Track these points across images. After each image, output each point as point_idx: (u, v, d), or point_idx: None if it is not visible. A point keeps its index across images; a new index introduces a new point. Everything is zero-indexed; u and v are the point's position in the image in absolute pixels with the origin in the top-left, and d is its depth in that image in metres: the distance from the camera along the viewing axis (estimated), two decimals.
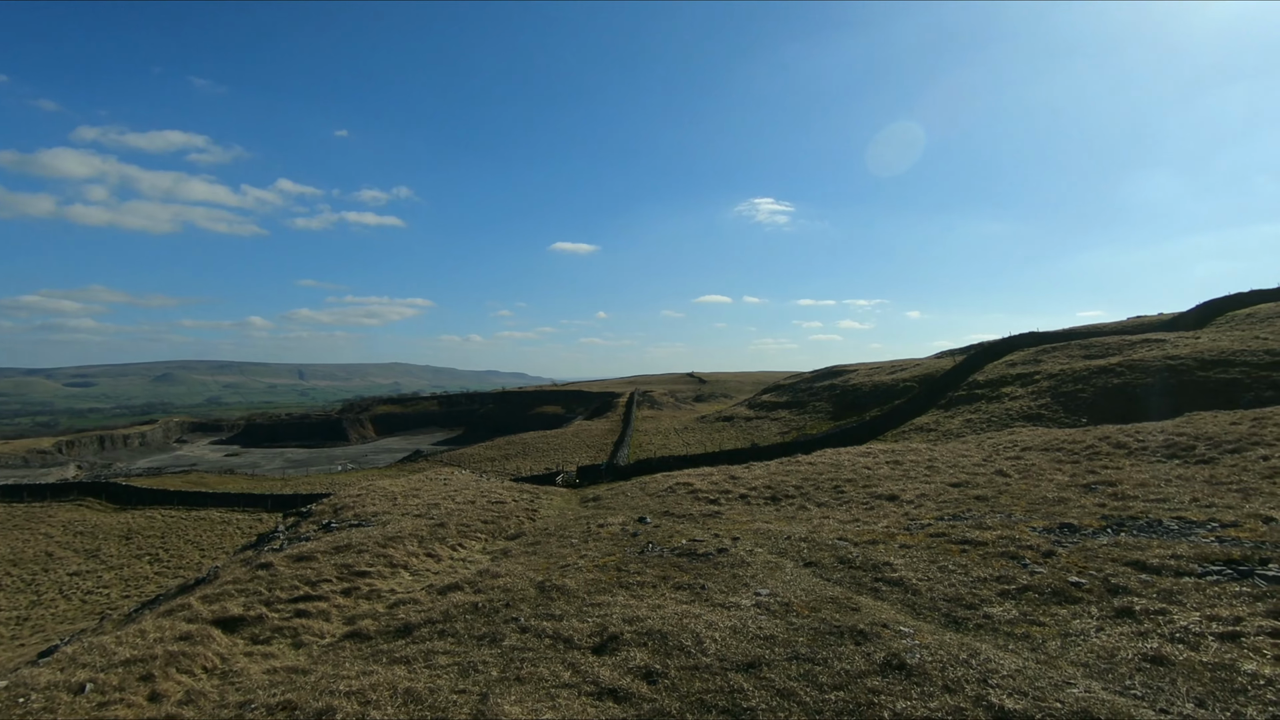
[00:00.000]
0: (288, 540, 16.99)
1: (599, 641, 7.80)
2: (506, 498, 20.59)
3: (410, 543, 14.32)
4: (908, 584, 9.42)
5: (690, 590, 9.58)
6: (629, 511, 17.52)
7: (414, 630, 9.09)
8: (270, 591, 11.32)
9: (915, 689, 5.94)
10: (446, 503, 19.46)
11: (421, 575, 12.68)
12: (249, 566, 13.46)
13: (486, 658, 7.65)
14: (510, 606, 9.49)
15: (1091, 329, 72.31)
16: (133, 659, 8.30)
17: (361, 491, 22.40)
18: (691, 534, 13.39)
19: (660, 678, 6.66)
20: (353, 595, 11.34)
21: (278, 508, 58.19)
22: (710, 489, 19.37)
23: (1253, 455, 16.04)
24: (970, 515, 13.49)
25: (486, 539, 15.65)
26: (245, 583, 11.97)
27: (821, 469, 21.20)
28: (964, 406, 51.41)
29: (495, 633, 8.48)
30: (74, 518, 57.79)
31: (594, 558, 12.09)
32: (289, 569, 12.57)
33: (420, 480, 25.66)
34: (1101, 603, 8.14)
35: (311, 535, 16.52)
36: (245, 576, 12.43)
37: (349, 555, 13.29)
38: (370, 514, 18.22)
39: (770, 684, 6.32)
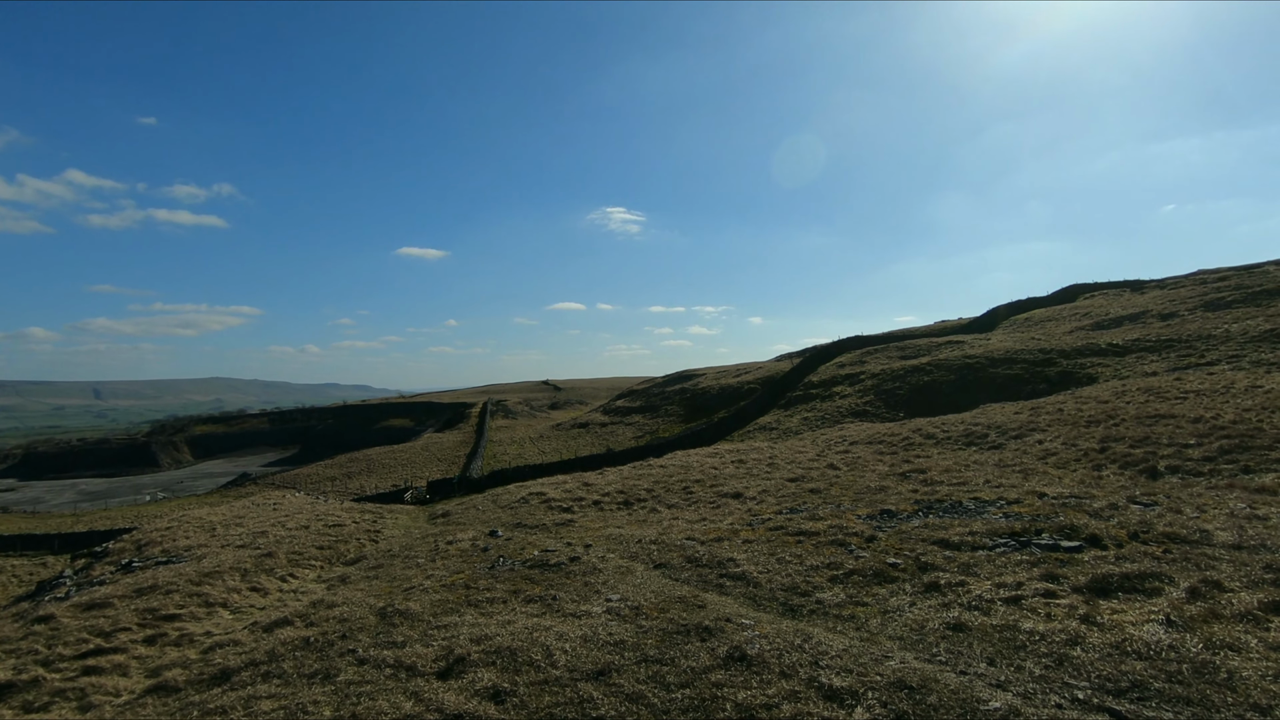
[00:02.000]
0: (76, 586, 14.72)
1: (444, 666, 7.46)
2: (346, 520, 19.20)
3: (231, 577, 12.92)
4: (750, 577, 9.91)
5: (542, 602, 9.44)
6: (480, 526, 17.00)
7: (233, 675, 8.18)
8: (50, 649, 9.71)
9: (755, 678, 6.23)
10: (276, 530, 17.77)
11: (244, 613, 11.47)
12: (23, 621, 11.48)
13: (318, 697, 7.05)
14: (347, 638, 8.82)
15: (906, 332, 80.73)
16: None
17: (173, 523, 19.89)
18: (544, 544, 13.22)
19: (509, 696, 6.48)
20: (158, 643, 10.01)
21: (66, 549, 50.27)
22: (564, 497, 19.28)
23: (1030, 440, 18.60)
24: (805, 508, 14.47)
25: (322, 566, 14.49)
26: (16, 641, 10.19)
27: (672, 471, 21.82)
28: (801, 405, 55.25)
29: (329, 668, 7.84)
30: None
31: (441, 577, 11.58)
32: (76, 620, 10.87)
33: (245, 506, 23.27)
34: (913, 580, 9.02)
35: (107, 578, 14.42)
36: (16, 634, 10.58)
37: (154, 597, 11.74)
38: (183, 548, 16.23)
39: (619, 690, 6.35)
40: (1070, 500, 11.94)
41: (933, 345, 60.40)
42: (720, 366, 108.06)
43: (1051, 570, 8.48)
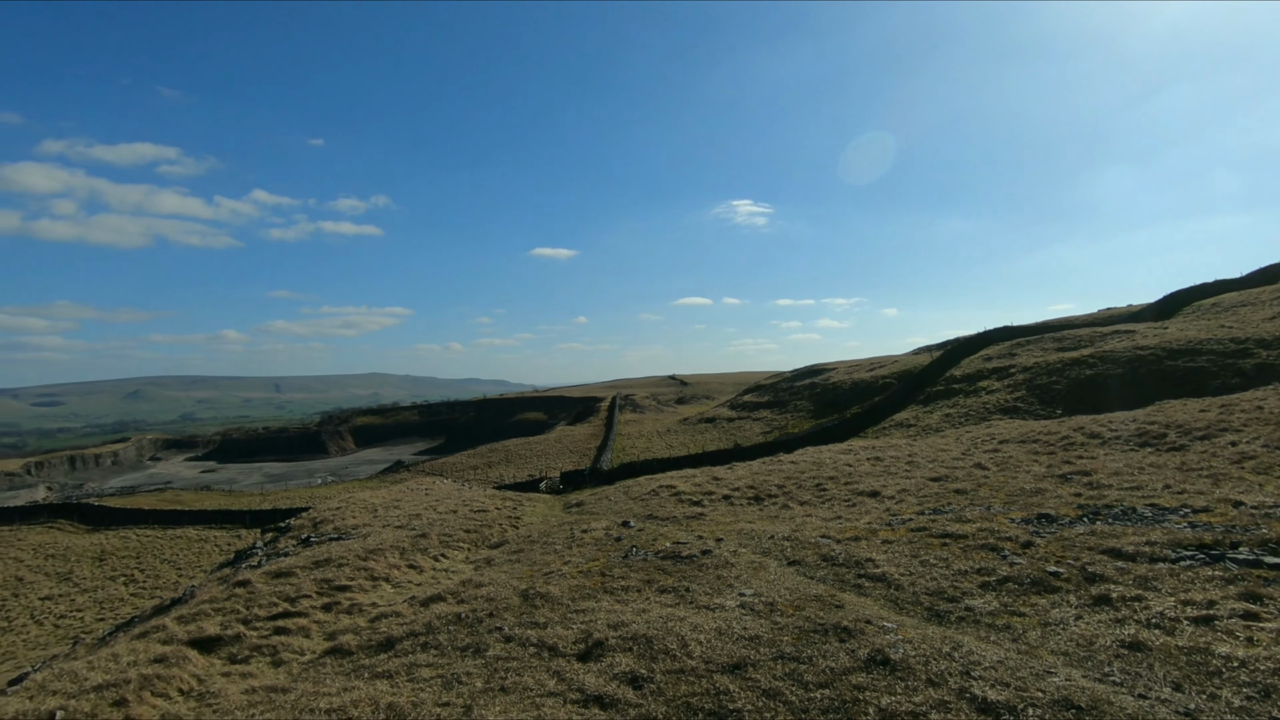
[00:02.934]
0: (266, 556, 16.70)
1: (584, 648, 7.75)
2: (489, 506, 20.43)
3: (392, 555, 14.14)
4: (890, 579, 9.48)
5: (675, 593, 9.56)
6: (613, 516, 17.47)
7: (396, 644, 8.97)
8: (248, 609, 11.11)
9: (899, 684, 5.97)
10: (428, 513, 19.25)
11: (404, 587, 12.52)
12: (226, 585, 13.20)
13: (470, 669, 7.56)
14: (494, 616, 9.40)
15: (1063, 322, 73.60)
16: (105, 684, 8.08)
17: (341, 504, 22.09)
18: (675, 536, 13.37)
19: (646, 683, 6.63)
20: (333, 610, 11.16)
21: (256, 524, 57.26)
22: (694, 491, 19.38)
23: (1221, 441, 16.39)
24: (950, 509, 13.62)
25: (469, 548, 15.51)
26: (222, 601, 11.73)
27: (804, 467, 21.31)
28: (942, 401, 52.01)
29: (479, 643, 8.39)
30: (45, 540, 56.41)
31: (578, 564, 12.03)
32: (268, 586, 12.35)
33: (401, 491, 25.38)
34: (1079, 591, 8.25)
35: (290, 550, 16.25)
36: (222, 595, 12.19)
37: (329, 570, 13.09)
38: (350, 527, 17.97)
39: (756, 684, 6.31)
40: (1275, 510, 10.41)
41: (1096, 335, 54.68)
42: (852, 361, 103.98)
43: (1253, 589, 7.44)
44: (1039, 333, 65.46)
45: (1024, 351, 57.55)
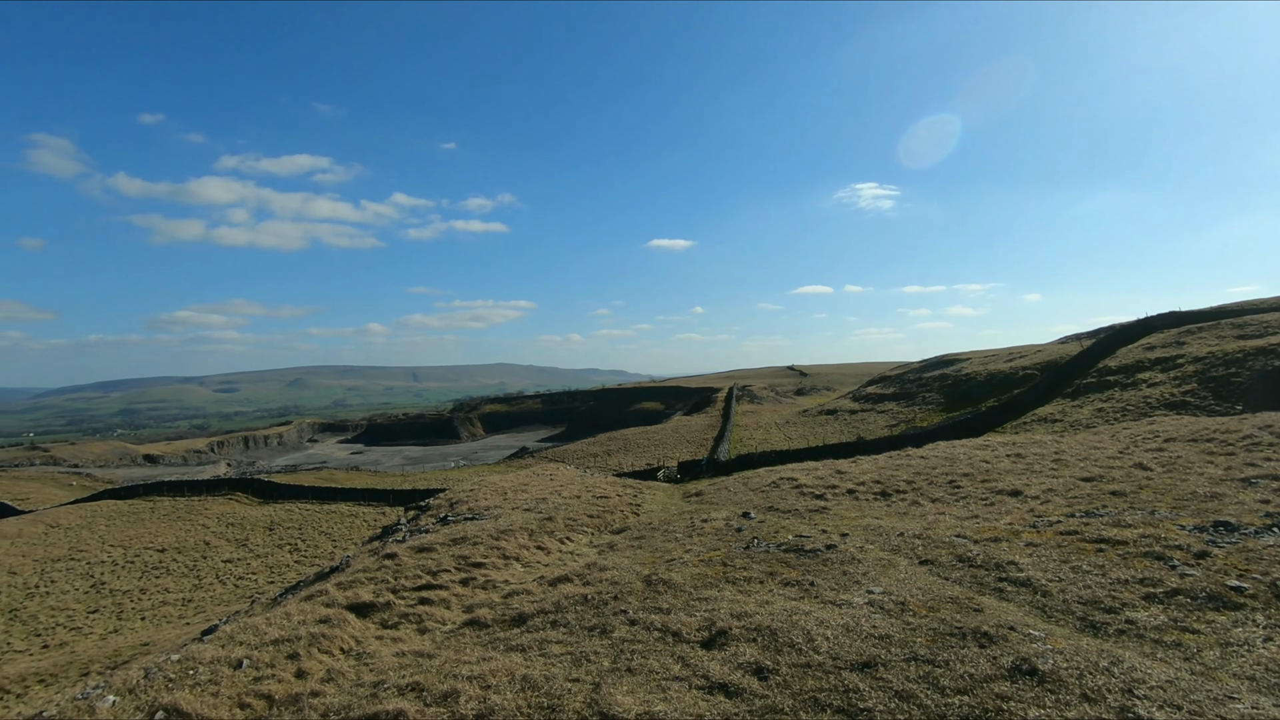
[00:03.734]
0: (409, 532, 18.06)
1: (707, 636, 7.81)
2: (610, 493, 20.97)
3: (521, 536, 14.87)
4: (1036, 584, 8.82)
5: (799, 587, 9.40)
6: (732, 506, 17.41)
7: (528, 620, 9.43)
8: (396, 580, 12.08)
9: (1049, 696, 5.56)
10: (553, 497, 20.05)
11: (532, 567, 13.13)
12: (376, 557, 14.42)
13: (598, 648, 7.83)
14: (619, 599, 9.66)
15: (1245, 306, 64.80)
16: (280, 639, 9.10)
17: (474, 487, 23.46)
18: (798, 529, 13.13)
19: (771, 674, 6.58)
20: (470, 585, 11.91)
21: (398, 502, 62.02)
22: (815, 484, 18.92)
23: None
24: (1106, 512, 12.45)
25: (593, 533, 16.01)
26: (374, 572, 12.83)
27: (935, 463, 20.21)
28: (1094, 395, 47.48)
29: (605, 624, 8.66)
30: (226, 510, 63.99)
31: (699, 552, 12.10)
32: (412, 559, 13.36)
33: (528, 476, 26.58)
34: (1269, 609, 7.30)
35: (430, 528, 17.48)
36: (374, 566, 13.32)
37: (465, 547, 13.97)
38: (483, 508, 19.06)
39: (887, 685, 6.10)
40: None
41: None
42: (988, 350, 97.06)
43: None
44: (1214, 318, 58.11)
45: (1194, 340, 51.39)
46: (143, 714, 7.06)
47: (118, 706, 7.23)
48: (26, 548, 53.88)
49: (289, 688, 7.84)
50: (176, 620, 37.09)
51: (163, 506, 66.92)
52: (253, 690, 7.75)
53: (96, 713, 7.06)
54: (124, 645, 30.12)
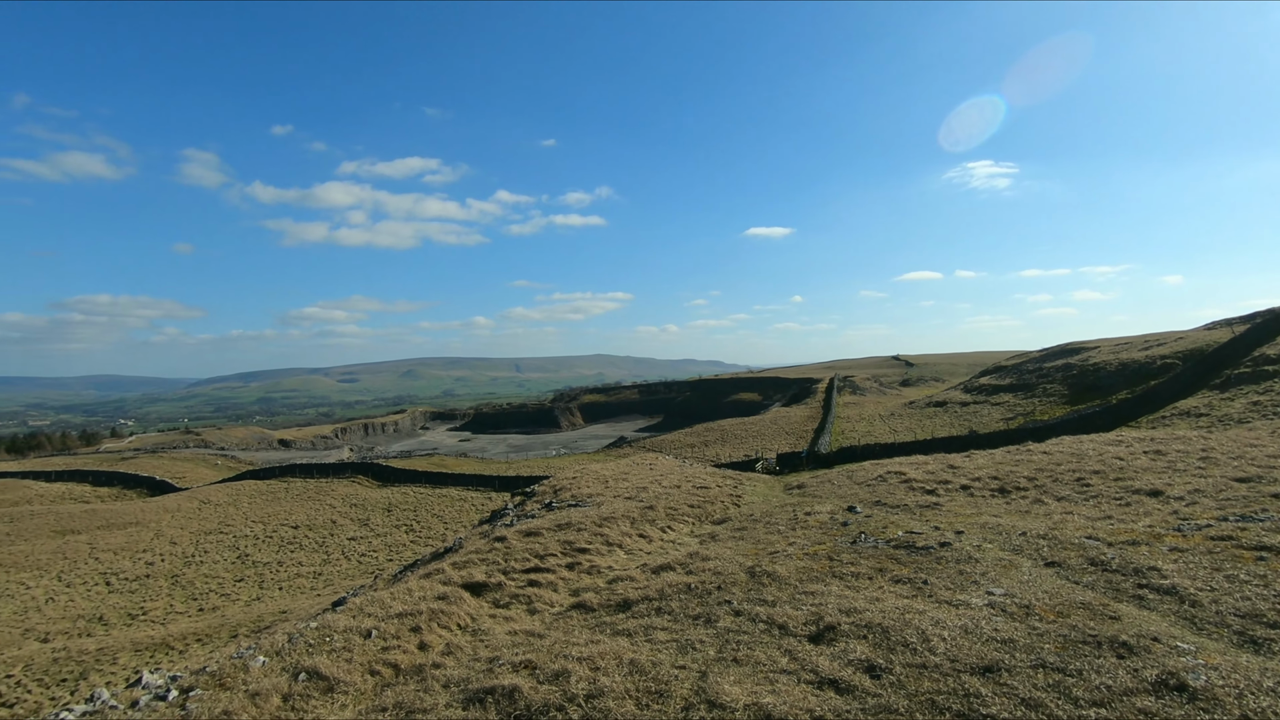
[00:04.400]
0: (516, 517, 18.79)
1: (815, 630, 7.66)
2: (710, 483, 20.94)
3: (623, 523, 15.13)
4: (1183, 593, 8.06)
5: (911, 584, 9.05)
6: (836, 500, 16.96)
7: (632, 606, 9.60)
8: (506, 562, 12.62)
9: (1203, 715, 5.08)
10: (654, 486, 20.26)
11: (635, 554, 13.34)
12: (487, 539, 15.11)
13: (703, 637, 7.86)
14: (722, 589, 9.65)
15: None
16: (404, 613, 9.72)
17: (576, 474, 24.08)
18: (908, 525, 12.62)
19: (884, 673, 6.38)
20: (575, 569, 12.25)
21: (503, 487, 64.64)
22: (926, 478, 18.10)
23: None
24: (1267, 516, 11.18)
25: (694, 522, 16.06)
26: (485, 553, 13.45)
27: (1059, 459, 18.83)
28: (1248, 387, 42.65)
29: (709, 614, 8.67)
30: (349, 492, 68.90)
31: (803, 545, 11.88)
32: (520, 543, 13.90)
33: (627, 465, 26.98)
34: None
35: (536, 513, 18.11)
36: (485, 548, 13.97)
37: (570, 533, 14.38)
38: (585, 495, 19.53)
39: (1012, 692, 5.77)
40: None
41: None
42: (1118, 338, 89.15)
43: None
44: None
45: None
46: (288, 675, 7.74)
47: (267, 666, 7.97)
48: (184, 521, 60.23)
49: (413, 658, 8.37)
50: (309, 591, 40.41)
51: (295, 487, 72.91)
52: (381, 659, 8.33)
53: (250, 671, 7.81)
54: (265, 612, 33.15)
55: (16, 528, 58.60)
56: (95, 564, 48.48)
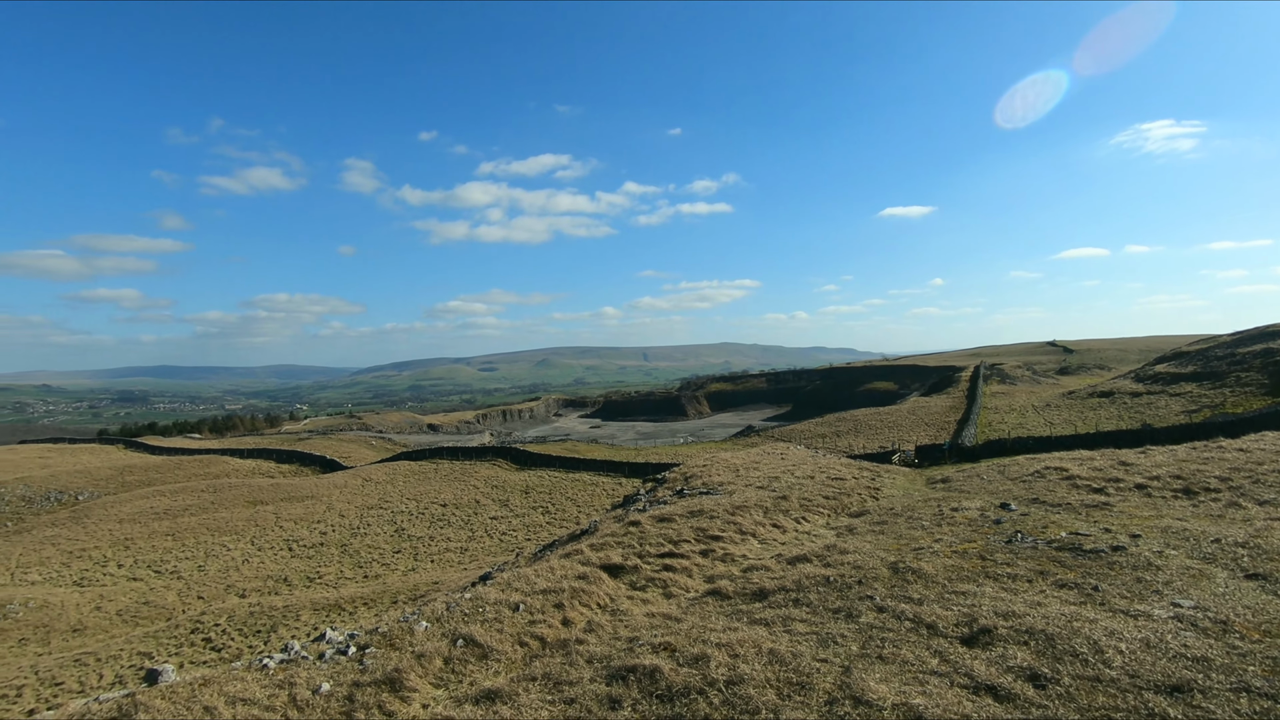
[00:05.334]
0: (648, 503, 19.15)
1: (968, 633, 7.22)
2: (846, 474, 20.25)
3: (756, 512, 14.99)
4: None
5: (1078, 590, 8.29)
6: (987, 496, 15.84)
7: (769, 595, 9.50)
8: (641, 546, 12.90)
9: None
10: (786, 476, 19.89)
11: (769, 544, 13.19)
12: (621, 523, 15.51)
13: (844, 631, 7.65)
14: (863, 584, 9.32)
15: None
16: (548, 589, 10.22)
17: (706, 462, 24.13)
18: (1073, 526, 11.56)
19: (1050, 683, 5.90)
20: (709, 556, 12.31)
21: (633, 474, 66.03)
22: (1092, 476, 16.44)
23: None
24: None
25: (829, 514, 15.61)
26: (620, 537, 13.83)
27: (1260, 457, 16.44)
28: None
29: (850, 608, 8.42)
30: (490, 474, 73.20)
31: (950, 542, 11.22)
32: (654, 528, 14.16)
33: (758, 454, 26.67)
34: None
35: (668, 500, 18.35)
36: (620, 532, 14.36)
37: (702, 520, 14.45)
38: (716, 483, 19.54)
39: (1208, 716, 5.15)
40: None
41: None
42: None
43: None
44: None
45: None
46: (447, 640, 8.39)
47: (429, 631, 8.68)
48: (350, 496, 66.66)
49: (557, 633, 8.79)
50: (456, 565, 43.47)
51: (443, 468, 78.50)
52: (528, 631, 8.82)
53: (415, 634, 8.54)
54: (420, 582, 36.07)
55: (219, 497, 67.53)
56: (279, 531, 54.92)
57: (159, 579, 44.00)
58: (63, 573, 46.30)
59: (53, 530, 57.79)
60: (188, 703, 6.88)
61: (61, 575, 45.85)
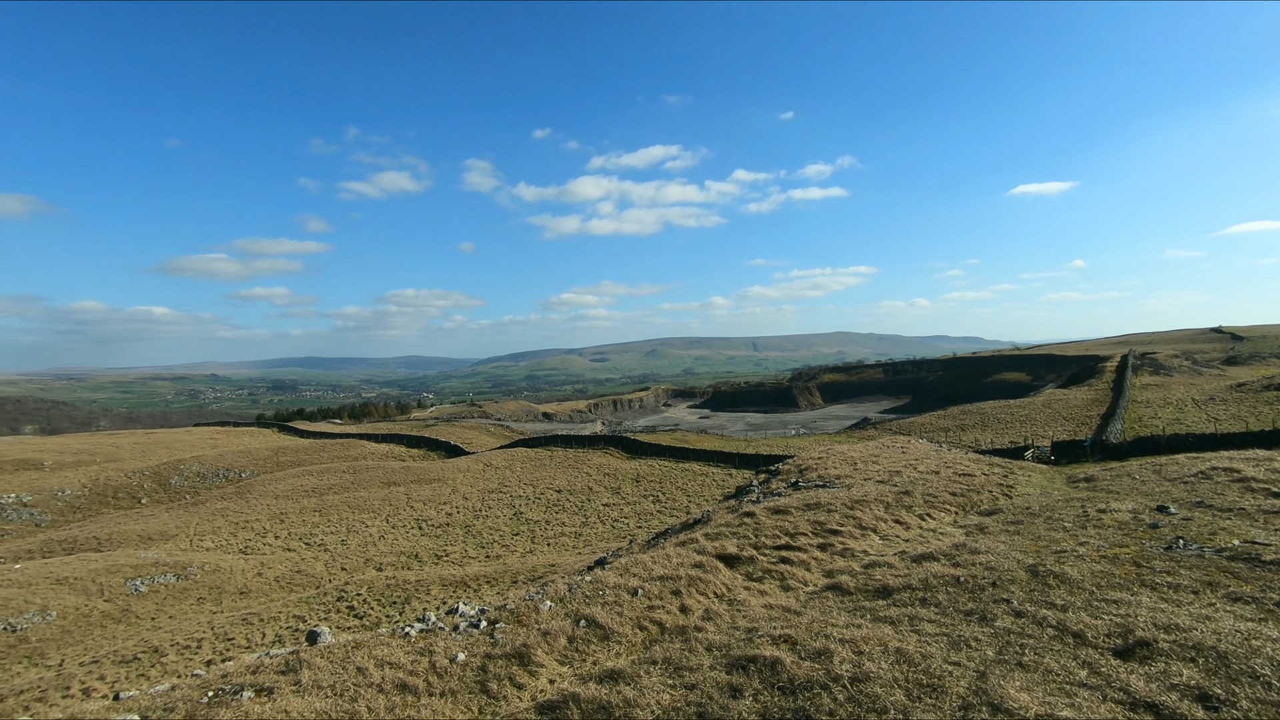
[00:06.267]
0: (761, 494, 18.93)
1: (1121, 645, 6.64)
2: (974, 470, 19.10)
3: (876, 507, 14.46)
4: None
5: (1257, 605, 7.41)
6: (1140, 497, 14.44)
7: (893, 593, 9.16)
8: (756, 537, 12.79)
9: None
10: (908, 471, 19.04)
11: (891, 540, 12.70)
12: (735, 514, 15.44)
13: (978, 635, 7.25)
14: (998, 586, 8.79)
15: None
16: (664, 576, 10.36)
17: (821, 455, 23.52)
18: (1247, 533, 10.33)
19: (1224, 706, 5.33)
20: (827, 551, 12.02)
21: (743, 465, 65.46)
22: (1271, 478, 14.56)
23: None
24: None
25: (956, 512, 14.81)
26: (735, 527, 13.77)
27: None
28: None
29: (984, 611, 7.96)
30: (602, 462, 74.94)
31: (1098, 546, 10.33)
32: (769, 520, 13.99)
33: (876, 447, 25.67)
34: None
35: (782, 492, 18.07)
36: (734, 522, 14.30)
37: (819, 513, 14.12)
38: (833, 476, 19.01)
39: None
40: None
41: None
42: None
43: None
44: None
45: None
46: (570, 620, 8.71)
47: (553, 610, 9.05)
48: (472, 480, 70.43)
49: (675, 619, 8.91)
50: (571, 549, 44.94)
51: (557, 455, 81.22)
52: (647, 616, 8.99)
53: (540, 613, 8.94)
54: (538, 564, 37.60)
55: (358, 478, 73.43)
56: (410, 511, 59.00)
57: (308, 550, 48.50)
58: (230, 541, 52.06)
59: (222, 504, 65.03)
60: (343, 663, 7.56)
61: (229, 544, 51.57)
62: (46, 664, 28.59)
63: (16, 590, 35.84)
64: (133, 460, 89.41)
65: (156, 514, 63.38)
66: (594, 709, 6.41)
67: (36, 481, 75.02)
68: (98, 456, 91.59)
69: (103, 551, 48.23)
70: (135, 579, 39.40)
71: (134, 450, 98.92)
